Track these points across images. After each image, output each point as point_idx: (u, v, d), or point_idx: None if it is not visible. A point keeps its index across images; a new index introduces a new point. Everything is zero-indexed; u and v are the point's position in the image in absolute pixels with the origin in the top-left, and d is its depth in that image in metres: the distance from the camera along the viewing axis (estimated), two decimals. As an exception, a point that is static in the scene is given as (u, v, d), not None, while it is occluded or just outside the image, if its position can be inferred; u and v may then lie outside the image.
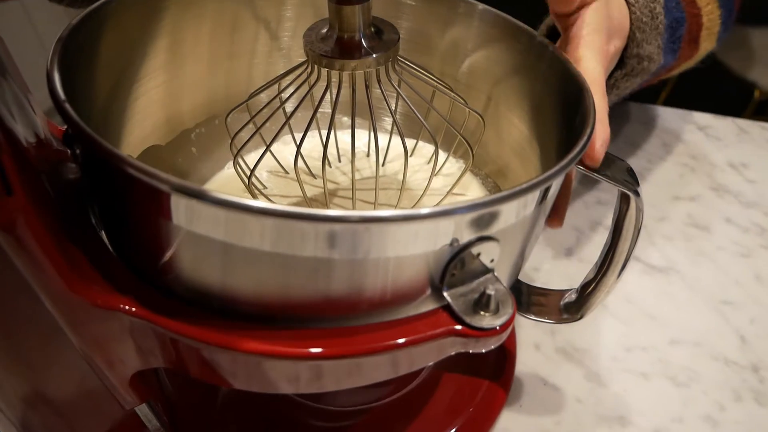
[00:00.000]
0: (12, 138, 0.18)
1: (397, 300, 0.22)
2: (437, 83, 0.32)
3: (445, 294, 0.23)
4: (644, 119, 0.62)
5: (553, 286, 0.34)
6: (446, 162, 0.37)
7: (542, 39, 0.31)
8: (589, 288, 0.31)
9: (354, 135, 0.30)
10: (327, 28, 0.27)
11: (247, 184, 0.31)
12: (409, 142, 0.38)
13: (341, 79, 0.28)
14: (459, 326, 0.22)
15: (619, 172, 0.27)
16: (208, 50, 0.34)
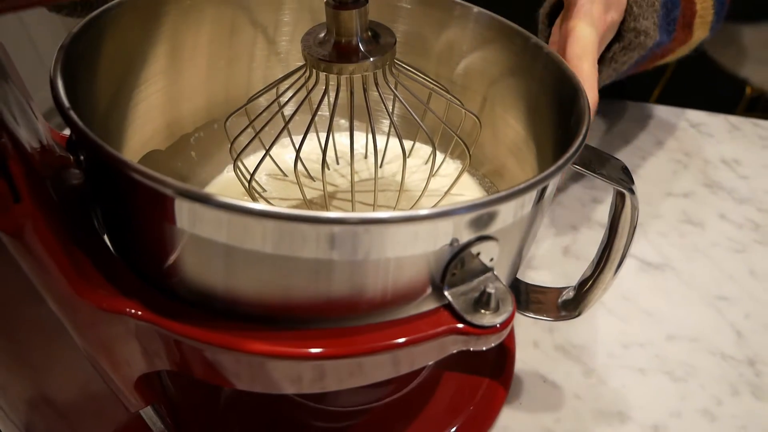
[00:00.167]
0: (18, 144, 0.19)
1: (398, 300, 0.22)
2: (434, 85, 0.32)
3: (446, 293, 0.23)
4: (638, 116, 0.62)
5: (551, 284, 0.34)
6: (443, 163, 0.37)
7: (537, 40, 0.31)
8: (587, 285, 0.31)
9: (352, 137, 0.30)
10: (324, 33, 0.28)
11: (248, 188, 0.31)
12: (407, 144, 0.38)
13: (339, 83, 0.29)
14: (460, 324, 0.22)
15: (615, 171, 0.27)
16: (207, 55, 0.35)
